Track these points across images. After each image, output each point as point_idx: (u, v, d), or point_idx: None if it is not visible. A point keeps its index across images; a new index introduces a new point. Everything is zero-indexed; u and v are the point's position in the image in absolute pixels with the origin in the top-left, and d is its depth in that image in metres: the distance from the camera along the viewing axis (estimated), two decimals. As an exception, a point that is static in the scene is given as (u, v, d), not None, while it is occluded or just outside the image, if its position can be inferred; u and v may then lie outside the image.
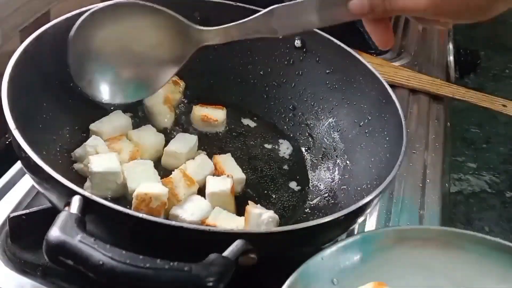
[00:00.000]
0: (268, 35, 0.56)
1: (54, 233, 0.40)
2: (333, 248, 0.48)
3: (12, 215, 0.57)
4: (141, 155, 0.65)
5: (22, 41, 0.59)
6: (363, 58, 0.71)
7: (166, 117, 0.73)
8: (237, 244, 0.43)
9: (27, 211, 0.58)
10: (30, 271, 0.56)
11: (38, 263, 0.56)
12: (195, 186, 0.62)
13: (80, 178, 0.62)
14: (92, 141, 0.63)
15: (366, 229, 0.68)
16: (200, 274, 0.39)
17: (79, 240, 0.40)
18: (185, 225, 0.44)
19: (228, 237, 0.44)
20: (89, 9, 0.65)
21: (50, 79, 0.64)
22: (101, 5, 0.59)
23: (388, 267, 0.51)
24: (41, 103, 0.62)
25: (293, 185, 0.69)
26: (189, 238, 0.44)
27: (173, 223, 0.44)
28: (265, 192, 0.67)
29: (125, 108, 0.73)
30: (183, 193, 0.60)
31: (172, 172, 0.62)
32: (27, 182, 0.65)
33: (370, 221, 0.69)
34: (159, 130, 0.70)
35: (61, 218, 0.41)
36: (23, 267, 0.56)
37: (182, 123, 0.75)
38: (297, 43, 0.76)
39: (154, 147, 0.67)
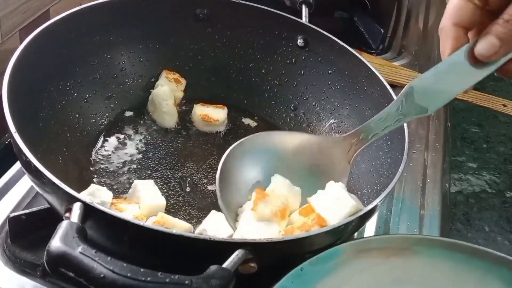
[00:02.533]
0: (419, 116, 0.51)
1: (55, 243, 0.40)
2: (312, 259, 0.48)
3: (12, 215, 0.57)
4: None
5: (21, 41, 0.59)
6: (364, 58, 0.70)
7: (172, 117, 0.73)
8: (237, 254, 0.43)
9: (27, 211, 0.58)
10: (30, 271, 0.56)
11: (37, 263, 0.56)
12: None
13: (81, 182, 0.62)
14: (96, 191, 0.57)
15: (366, 228, 0.68)
16: (201, 287, 0.39)
17: (80, 252, 0.39)
18: (186, 234, 0.43)
19: (229, 246, 0.44)
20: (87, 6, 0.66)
21: (50, 77, 0.64)
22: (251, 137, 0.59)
23: (361, 278, 0.50)
24: (41, 102, 0.62)
25: (293, 186, 0.69)
26: (190, 246, 0.44)
27: (173, 231, 0.43)
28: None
29: (128, 107, 0.73)
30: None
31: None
32: (26, 182, 0.64)
33: (371, 221, 0.69)
34: (163, 129, 0.72)
35: (62, 228, 0.41)
36: (22, 267, 0.56)
37: (183, 122, 0.75)
38: (300, 42, 0.75)
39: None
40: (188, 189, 0.65)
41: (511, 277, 0.51)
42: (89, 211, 0.44)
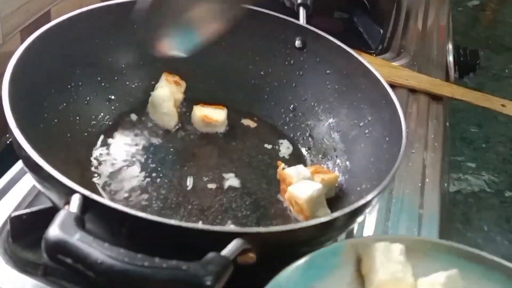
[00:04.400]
0: None
1: (53, 231, 0.40)
2: (307, 257, 0.48)
3: (13, 214, 0.57)
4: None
5: (22, 41, 0.59)
6: (363, 58, 0.71)
7: (172, 119, 0.74)
8: (235, 243, 0.43)
9: (28, 210, 0.58)
10: (31, 270, 0.56)
11: (39, 262, 0.56)
12: None
13: (82, 182, 0.62)
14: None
15: (365, 228, 0.68)
16: (198, 273, 0.39)
17: (77, 239, 0.40)
18: (183, 224, 0.44)
19: (227, 236, 0.44)
20: (89, 9, 0.66)
21: (51, 79, 0.64)
22: None
23: (357, 279, 0.49)
24: (42, 103, 0.62)
25: (293, 185, 0.69)
26: (188, 237, 0.45)
27: (172, 222, 0.44)
28: (266, 193, 0.67)
29: (129, 108, 0.74)
30: None
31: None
32: (28, 181, 0.65)
33: (370, 220, 0.70)
34: (163, 130, 0.72)
35: (60, 216, 0.42)
36: (24, 267, 0.56)
37: (183, 123, 0.75)
38: (298, 43, 0.76)
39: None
40: (188, 189, 0.66)
41: (507, 282, 0.51)
42: (87, 202, 0.44)
